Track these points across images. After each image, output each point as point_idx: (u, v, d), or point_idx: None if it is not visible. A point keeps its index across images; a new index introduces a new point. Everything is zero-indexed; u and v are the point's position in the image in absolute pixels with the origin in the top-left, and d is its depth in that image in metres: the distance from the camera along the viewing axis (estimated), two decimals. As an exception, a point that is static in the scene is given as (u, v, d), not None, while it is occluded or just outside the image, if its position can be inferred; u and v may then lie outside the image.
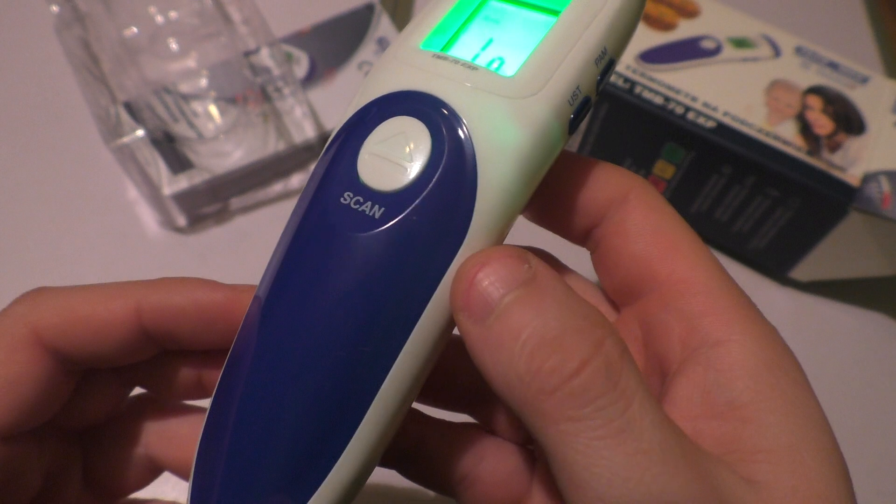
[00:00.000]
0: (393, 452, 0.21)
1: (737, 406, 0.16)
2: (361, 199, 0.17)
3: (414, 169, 0.17)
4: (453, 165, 0.17)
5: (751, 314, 0.17)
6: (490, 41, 0.19)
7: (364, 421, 0.17)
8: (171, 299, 0.21)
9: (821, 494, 0.15)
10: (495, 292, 0.15)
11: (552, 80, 0.17)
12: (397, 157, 0.17)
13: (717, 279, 0.18)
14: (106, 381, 0.22)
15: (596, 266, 0.20)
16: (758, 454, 0.15)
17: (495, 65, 0.18)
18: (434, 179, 0.17)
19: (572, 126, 0.18)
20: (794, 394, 0.16)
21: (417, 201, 0.17)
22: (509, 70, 0.18)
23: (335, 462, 0.17)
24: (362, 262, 0.17)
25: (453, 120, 0.17)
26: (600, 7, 0.18)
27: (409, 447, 0.22)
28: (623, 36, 0.19)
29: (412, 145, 0.17)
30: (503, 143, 0.17)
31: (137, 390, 0.24)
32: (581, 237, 0.20)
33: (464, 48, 0.19)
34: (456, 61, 0.18)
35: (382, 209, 0.17)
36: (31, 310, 0.19)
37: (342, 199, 0.17)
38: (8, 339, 0.19)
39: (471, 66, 0.18)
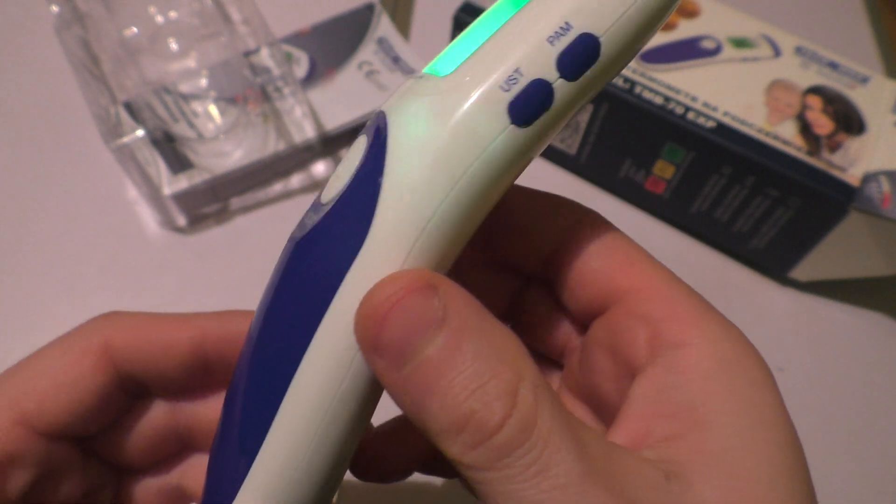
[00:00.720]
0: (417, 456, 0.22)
1: (690, 408, 0.16)
2: (312, 213, 0.17)
3: (342, 182, 0.17)
4: (365, 169, 0.16)
5: (711, 317, 0.17)
6: (472, 52, 0.17)
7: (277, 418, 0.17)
8: (234, 328, 0.21)
9: (757, 499, 0.15)
10: (408, 341, 0.15)
11: (480, 68, 0.16)
12: (338, 172, 0.17)
13: (675, 286, 0.18)
14: (156, 412, 0.22)
15: (559, 290, 0.20)
16: (702, 457, 0.15)
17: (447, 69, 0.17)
18: (347, 186, 0.16)
19: (521, 116, 0.16)
20: (750, 395, 0.16)
21: (330, 208, 0.16)
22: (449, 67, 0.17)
23: (251, 464, 0.17)
24: (280, 270, 0.17)
25: (382, 128, 0.16)
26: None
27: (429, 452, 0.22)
28: (608, 8, 0.16)
29: (349, 161, 0.17)
30: (414, 140, 0.16)
31: None
32: (538, 264, 0.21)
33: (444, 61, 0.18)
34: (421, 76, 0.17)
35: (315, 217, 0.17)
36: (106, 324, 0.20)
37: (307, 219, 0.18)
38: (81, 344, 0.20)
39: (422, 76, 0.17)
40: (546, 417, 0.14)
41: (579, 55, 0.16)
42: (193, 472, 0.23)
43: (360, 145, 0.17)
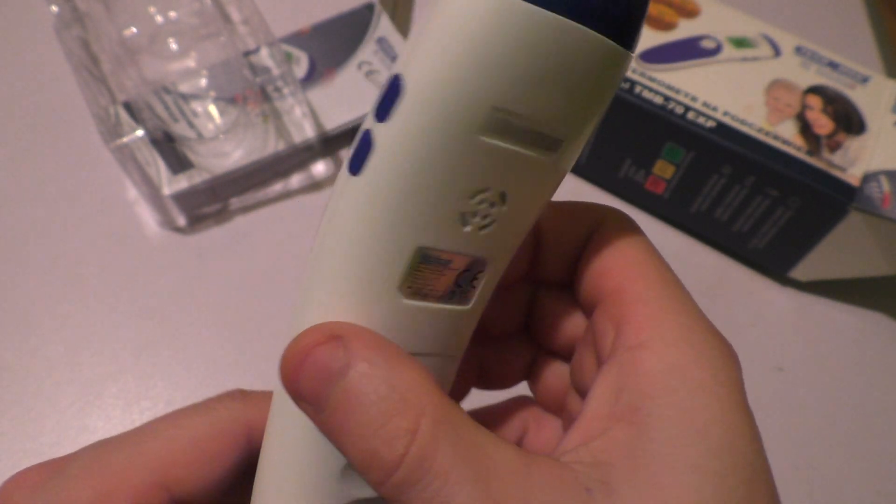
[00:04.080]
0: None
1: (633, 410, 0.16)
2: None
3: None
4: None
5: (675, 319, 0.17)
6: None
7: None
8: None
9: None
10: (318, 389, 0.16)
11: None
12: None
13: (657, 289, 0.18)
14: None
15: (573, 289, 0.21)
16: (631, 462, 0.15)
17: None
18: None
19: (354, 166, 0.16)
20: (689, 401, 0.16)
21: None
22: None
23: None
24: None
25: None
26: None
27: None
28: (418, 50, 0.15)
29: None
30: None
31: None
32: (563, 272, 0.21)
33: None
34: None
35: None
36: (249, 406, 0.21)
37: None
38: (225, 418, 0.20)
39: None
40: (447, 451, 0.15)
41: (388, 96, 0.15)
42: None
43: None
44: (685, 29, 0.42)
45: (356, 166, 0.15)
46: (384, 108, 0.15)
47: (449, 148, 0.15)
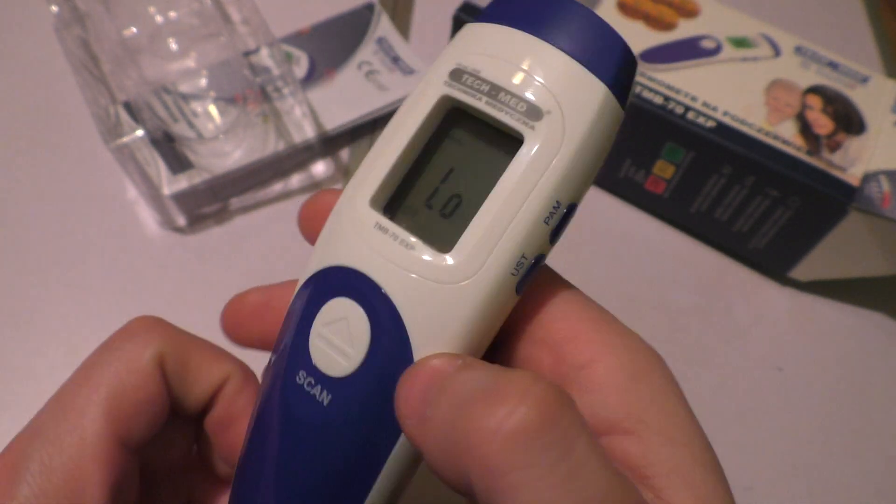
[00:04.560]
0: None
1: (615, 422, 0.17)
2: (312, 382, 0.18)
3: (356, 360, 0.18)
4: (390, 356, 0.17)
5: (611, 330, 0.18)
6: (434, 193, 0.19)
7: None
8: (252, 385, 0.22)
9: (718, 497, 0.16)
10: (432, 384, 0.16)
11: (490, 259, 0.17)
12: (341, 344, 0.18)
13: (577, 305, 0.18)
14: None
15: None
16: (649, 469, 0.16)
17: (437, 239, 0.18)
18: (373, 373, 0.18)
19: (520, 287, 0.18)
20: (663, 403, 0.17)
21: (359, 395, 0.18)
22: (447, 244, 0.18)
23: None
24: (314, 442, 0.18)
25: (390, 311, 0.17)
26: (554, 153, 0.17)
27: None
28: (584, 181, 0.18)
29: (354, 334, 0.18)
30: (440, 333, 0.17)
31: None
32: None
33: (406, 213, 0.19)
34: (395, 236, 0.18)
35: (330, 396, 0.18)
36: (154, 335, 0.21)
37: (297, 379, 0.18)
38: (141, 355, 0.20)
39: (408, 245, 0.18)
40: (574, 417, 0.15)
41: (566, 222, 0.18)
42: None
43: (358, 320, 0.18)
44: (685, 29, 0.42)
45: (522, 288, 0.18)
46: (560, 232, 0.18)
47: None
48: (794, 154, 0.38)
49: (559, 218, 0.18)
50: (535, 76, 0.18)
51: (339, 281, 0.18)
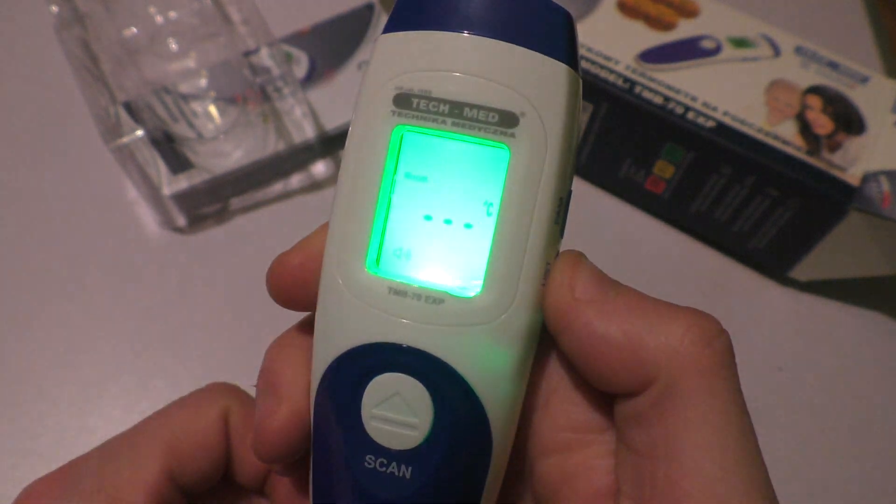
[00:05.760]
0: None
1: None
2: (385, 461, 0.17)
3: (424, 426, 0.17)
4: (458, 409, 0.17)
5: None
6: (433, 231, 0.18)
7: None
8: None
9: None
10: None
11: (521, 283, 0.17)
12: (404, 418, 0.17)
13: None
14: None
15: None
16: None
17: (457, 281, 0.17)
18: (447, 429, 0.17)
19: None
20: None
21: (439, 456, 0.17)
22: (471, 281, 0.17)
23: None
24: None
25: (443, 369, 0.17)
26: (543, 154, 0.16)
27: None
28: (573, 165, 0.17)
29: (412, 404, 0.17)
30: (499, 369, 0.17)
31: None
32: None
33: (415, 264, 0.18)
34: (417, 296, 0.17)
35: (410, 468, 0.17)
36: (225, 395, 0.22)
37: (366, 464, 0.17)
38: (213, 409, 0.21)
39: (435, 300, 0.17)
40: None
41: (567, 213, 0.18)
42: None
43: (412, 389, 0.17)
44: (685, 29, 0.42)
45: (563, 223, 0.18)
46: (563, 228, 0.18)
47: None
48: (794, 154, 0.38)
49: (564, 211, 0.18)
50: (494, 79, 0.16)
51: (374, 359, 0.17)
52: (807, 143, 0.38)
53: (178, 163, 0.40)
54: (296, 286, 0.19)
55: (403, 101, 0.16)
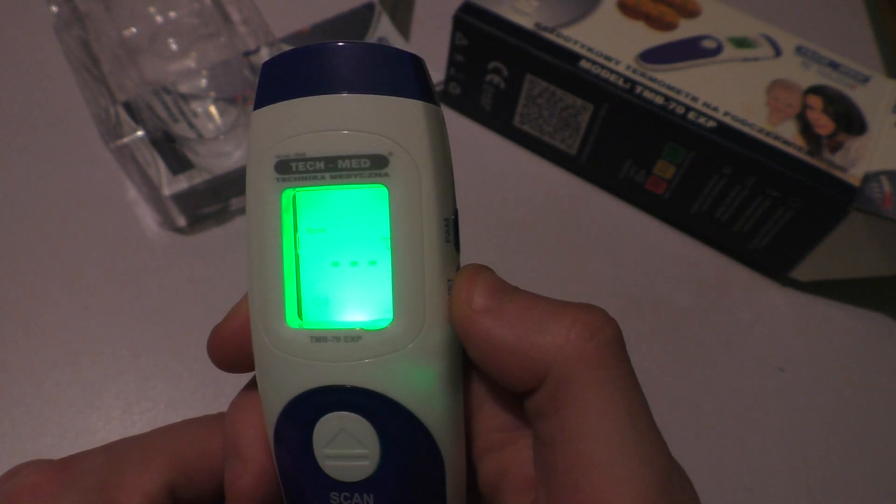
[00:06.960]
0: None
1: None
2: (349, 494, 0.19)
3: (374, 454, 0.18)
4: (400, 431, 0.18)
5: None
6: (337, 277, 0.19)
7: None
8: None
9: None
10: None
11: (428, 302, 0.18)
12: (354, 451, 0.18)
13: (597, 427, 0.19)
14: None
15: None
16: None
17: (373, 315, 0.19)
18: (396, 451, 0.18)
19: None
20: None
21: (395, 478, 0.18)
22: (382, 313, 0.18)
23: None
24: None
25: (378, 399, 0.18)
26: (418, 184, 0.18)
27: None
28: (451, 186, 0.19)
29: (359, 436, 0.18)
30: (430, 385, 0.18)
31: None
32: None
33: (333, 308, 0.19)
34: (336, 338, 0.18)
35: (371, 495, 0.19)
36: (243, 412, 0.21)
37: (332, 501, 0.19)
38: (220, 424, 0.21)
39: (352, 337, 0.18)
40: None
41: (457, 229, 0.19)
42: None
43: (354, 423, 0.18)
44: (686, 29, 0.42)
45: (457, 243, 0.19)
46: (457, 244, 0.19)
47: None
48: (795, 154, 0.38)
49: (453, 228, 0.19)
50: (359, 129, 0.18)
51: (312, 404, 0.18)
52: (808, 143, 0.38)
53: (178, 163, 0.40)
54: (234, 352, 0.20)
55: (284, 167, 0.18)
